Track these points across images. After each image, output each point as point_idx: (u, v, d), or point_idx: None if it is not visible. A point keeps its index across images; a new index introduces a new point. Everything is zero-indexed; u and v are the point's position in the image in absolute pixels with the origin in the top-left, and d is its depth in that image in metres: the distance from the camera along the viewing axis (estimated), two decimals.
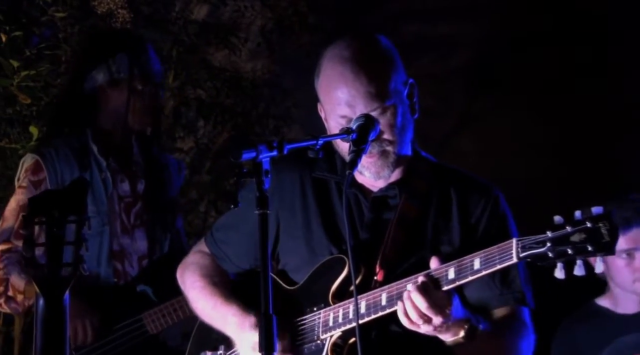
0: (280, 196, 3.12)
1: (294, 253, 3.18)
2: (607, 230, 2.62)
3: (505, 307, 3.07)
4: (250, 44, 6.36)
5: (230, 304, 3.19)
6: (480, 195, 3.13)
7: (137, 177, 4.31)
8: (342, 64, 3.02)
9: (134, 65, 4.21)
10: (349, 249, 2.88)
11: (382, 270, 3.04)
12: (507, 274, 3.04)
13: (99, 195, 4.20)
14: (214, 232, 3.37)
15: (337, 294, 3.06)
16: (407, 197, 3.11)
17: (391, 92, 3.01)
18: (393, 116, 3.01)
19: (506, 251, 2.77)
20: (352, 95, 2.99)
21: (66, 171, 4.17)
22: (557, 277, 2.68)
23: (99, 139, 4.24)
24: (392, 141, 3.03)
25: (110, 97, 4.22)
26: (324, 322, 3.04)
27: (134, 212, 4.28)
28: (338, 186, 3.16)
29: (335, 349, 3.02)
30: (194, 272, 3.34)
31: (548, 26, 6.06)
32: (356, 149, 2.91)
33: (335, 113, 3.03)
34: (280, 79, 6.43)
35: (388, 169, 3.06)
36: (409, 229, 3.09)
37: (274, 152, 2.72)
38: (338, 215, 3.14)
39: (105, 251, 4.19)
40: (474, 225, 3.11)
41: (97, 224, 4.17)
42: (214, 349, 3.28)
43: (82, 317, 4.07)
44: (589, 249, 2.63)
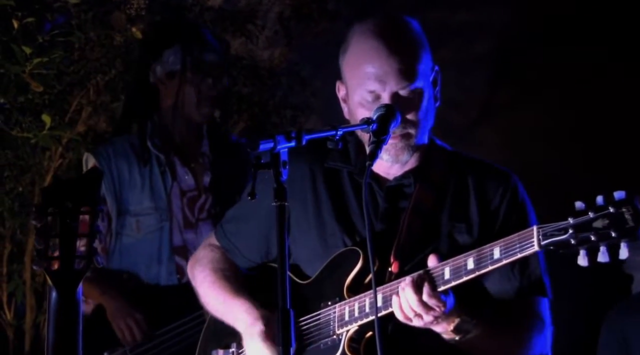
0: (291, 187, 3.06)
1: (306, 246, 3.14)
2: (630, 215, 2.56)
3: (525, 299, 3.03)
4: (268, 31, 6.32)
5: (241, 300, 3.15)
6: (498, 182, 3.09)
7: (203, 170, 4.28)
8: (376, 39, 2.98)
9: (186, 56, 4.19)
10: (369, 242, 2.83)
11: (396, 261, 3.00)
12: (527, 265, 2.99)
13: (158, 191, 4.20)
14: (224, 224, 3.33)
15: (351, 288, 3.01)
16: (422, 186, 3.07)
17: (420, 74, 2.99)
18: (420, 98, 2.99)
19: (527, 239, 2.72)
20: (385, 71, 2.96)
21: (124, 168, 4.19)
22: (581, 265, 2.63)
23: (159, 133, 4.23)
24: (415, 123, 3.00)
25: (169, 90, 4.22)
26: (339, 317, 2.99)
27: (198, 205, 4.25)
28: (350, 176, 3.12)
29: (351, 344, 2.97)
30: (205, 267, 3.30)
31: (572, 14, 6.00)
32: (376, 140, 2.86)
33: (363, 88, 2.99)
34: (299, 68, 6.39)
35: (408, 152, 3.02)
36: (425, 218, 3.05)
37: (292, 142, 2.68)
38: (351, 206, 3.10)
39: (166, 247, 4.18)
40: (493, 213, 3.06)
41: (156, 220, 4.19)
42: (225, 347, 3.23)
43: (124, 317, 4.07)
44: (613, 235, 2.57)
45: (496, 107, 6.29)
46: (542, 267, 3.04)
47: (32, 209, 5.23)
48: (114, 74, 5.38)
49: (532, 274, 3.02)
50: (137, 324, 4.08)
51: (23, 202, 5.46)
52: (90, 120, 5.50)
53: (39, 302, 5.48)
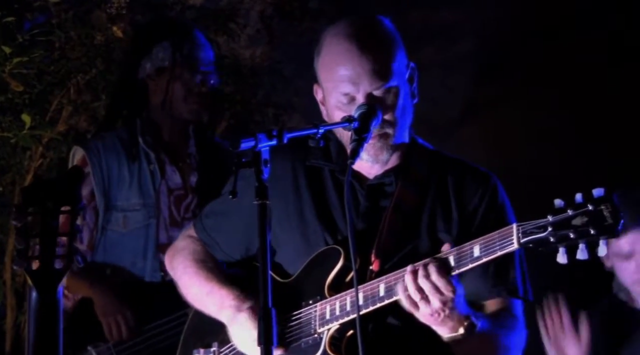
0: (273, 186, 3.06)
1: (288, 244, 3.13)
2: (609, 213, 2.58)
3: (497, 300, 3.03)
4: (250, 30, 6.31)
5: (226, 290, 3.13)
6: (478, 183, 3.09)
7: (190, 170, 4.26)
8: (348, 41, 2.98)
9: (176, 52, 4.17)
10: (350, 241, 2.82)
11: (377, 260, 3.00)
12: (502, 266, 2.99)
13: (146, 188, 4.19)
14: (203, 218, 3.31)
15: (333, 286, 3.01)
16: (403, 184, 3.07)
17: (395, 73, 2.99)
18: (395, 97, 2.99)
19: (507, 237, 2.73)
20: (357, 73, 2.95)
21: (113, 164, 4.17)
22: (560, 262, 2.64)
23: (149, 130, 4.23)
24: (392, 123, 2.99)
25: (158, 87, 4.21)
26: (320, 315, 2.99)
27: (184, 204, 4.24)
28: (332, 174, 3.12)
29: (333, 342, 2.96)
30: (186, 258, 3.28)
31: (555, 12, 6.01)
32: (358, 138, 2.87)
33: (338, 90, 2.98)
34: (281, 66, 6.37)
35: (387, 152, 3.02)
36: (405, 217, 3.05)
37: (273, 141, 2.69)
38: (332, 204, 3.09)
39: (151, 244, 4.17)
40: (472, 213, 3.07)
41: (143, 217, 4.18)
42: (206, 346, 3.22)
43: (114, 314, 4.06)
44: (592, 232, 2.59)
45: (479, 106, 6.29)
46: (518, 268, 3.04)
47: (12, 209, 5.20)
48: (95, 73, 5.36)
49: (506, 274, 3.02)
50: (126, 320, 4.07)
51: (3, 202, 5.43)
52: (71, 119, 5.48)
53: (19, 302, 5.45)
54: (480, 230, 2.94)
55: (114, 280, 4.17)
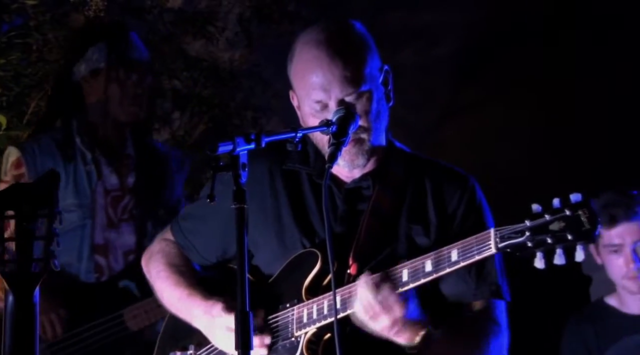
0: (249, 189, 3.06)
1: (265, 248, 3.11)
2: (586, 218, 2.57)
3: (480, 301, 3.02)
4: (228, 33, 6.30)
5: (194, 296, 3.12)
6: (456, 185, 3.09)
7: (128, 171, 4.25)
8: (318, 48, 2.96)
9: (112, 53, 4.16)
10: (329, 244, 2.81)
11: (355, 264, 2.98)
12: (483, 267, 2.98)
13: (82, 188, 4.16)
14: (180, 221, 3.30)
15: (310, 290, 2.99)
16: (381, 188, 3.06)
17: (367, 77, 2.96)
18: (368, 102, 2.97)
19: (484, 242, 2.72)
20: (328, 80, 2.93)
21: (48, 165, 4.11)
22: (537, 267, 2.62)
23: (85, 131, 4.20)
24: (367, 128, 2.98)
25: (93, 88, 4.19)
26: (297, 319, 2.98)
27: (121, 205, 4.22)
28: (309, 178, 3.11)
29: (310, 346, 2.95)
30: (160, 261, 3.27)
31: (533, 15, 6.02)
32: (336, 142, 2.85)
33: (310, 98, 2.97)
34: (260, 70, 6.37)
35: (363, 157, 3.01)
36: (383, 221, 3.04)
37: (251, 144, 2.66)
38: (310, 208, 3.08)
39: (87, 245, 4.14)
40: (450, 216, 3.06)
41: (79, 218, 4.14)
42: (183, 349, 3.20)
43: (47, 313, 4.02)
44: (569, 238, 2.58)
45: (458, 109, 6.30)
46: (499, 269, 3.04)
47: None
48: None
49: (488, 277, 3.02)
50: (60, 319, 4.05)
51: None
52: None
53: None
54: (459, 232, 2.94)
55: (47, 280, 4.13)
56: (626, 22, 5.92)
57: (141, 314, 4.13)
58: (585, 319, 4.49)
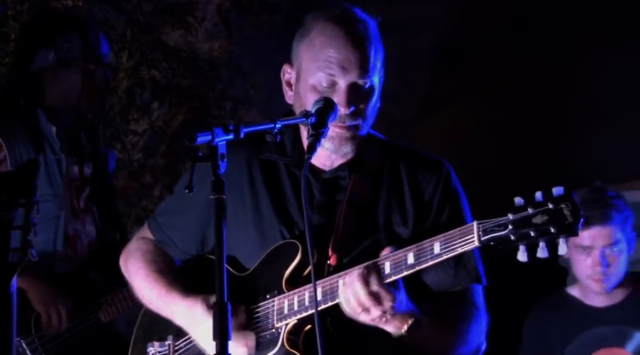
0: (228, 180, 3.06)
1: (244, 238, 3.11)
2: (569, 211, 2.58)
3: (460, 287, 3.04)
4: (207, 23, 6.28)
5: (174, 293, 3.12)
6: (431, 171, 3.10)
7: (85, 161, 4.23)
8: (345, 28, 2.97)
9: (86, 45, 4.13)
10: (308, 236, 2.81)
11: (334, 254, 2.99)
12: (462, 254, 2.99)
13: (55, 178, 4.15)
14: (157, 218, 3.29)
15: (290, 281, 2.99)
16: (357, 178, 3.06)
17: (376, 71, 3.00)
18: (371, 92, 3.00)
19: (467, 235, 2.72)
20: (349, 59, 2.94)
21: (24, 152, 4.11)
22: (520, 260, 2.63)
23: (52, 120, 4.16)
24: (364, 116, 3.00)
25: (60, 77, 4.15)
26: (278, 310, 2.97)
27: (83, 196, 4.21)
28: (287, 168, 3.10)
29: (290, 337, 2.95)
30: (138, 259, 3.26)
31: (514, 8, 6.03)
32: (315, 133, 2.84)
33: (324, 70, 2.97)
34: (239, 60, 6.35)
35: (350, 144, 3.01)
36: (361, 210, 3.04)
37: (230, 135, 2.66)
38: (288, 198, 3.08)
39: (60, 236, 4.13)
40: (427, 203, 3.07)
41: (55, 208, 4.13)
42: (160, 339, 3.20)
43: (55, 303, 4.02)
44: (552, 231, 2.59)
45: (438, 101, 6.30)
46: (476, 254, 3.05)
47: None
48: None
49: (467, 264, 3.03)
50: (66, 309, 4.04)
51: None
52: None
53: None
54: (436, 219, 2.98)
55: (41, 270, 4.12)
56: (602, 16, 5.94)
57: (110, 306, 4.13)
58: (548, 309, 4.51)
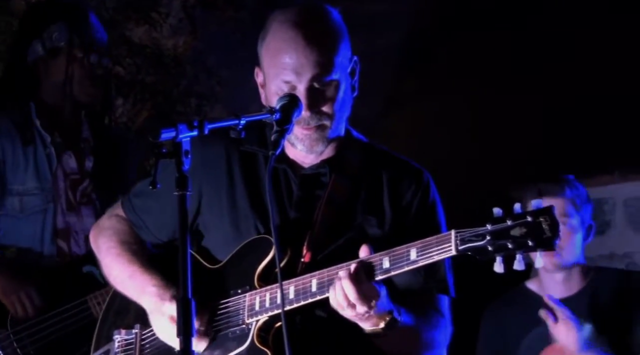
0: (205, 170, 3.06)
1: (218, 230, 3.11)
2: (548, 226, 2.58)
3: (427, 295, 3.05)
4: (172, 19, 6.25)
5: (149, 276, 3.10)
6: (411, 179, 3.11)
7: (85, 154, 4.20)
8: (295, 30, 2.96)
9: (72, 33, 4.11)
10: (274, 234, 2.81)
11: (309, 252, 2.99)
12: (433, 263, 3.00)
13: (43, 172, 4.12)
14: (132, 198, 3.27)
15: (263, 277, 2.99)
16: (338, 176, 3.06)
17: (337, 66, 2.98)
18: (335, 90, 2.98)
19: (445, 243, 2.72)
20: (301, 63, 2.94)
21: (8, 146, 4.08)
22: (497, 271, 2.63)
23: (44, 113, 4.15)
24: (330, 115, 2.98)
25: (51, 68, 4.15)
26: (249, 306, 2.96)
27: (80, 189, 4.18)
28: (266, 160, 3.07)
29: (260, 334, 2.94)
30: (110, 238, 3.24)
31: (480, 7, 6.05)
32: (279, 129, 2.85)
33: (279, 78, 2.97)
34: (204, 56, 6.33)
35: (322, 143, 3.01)
36: (339, 209, 3.04)
37: (194, 131, 2.66)
38: (265, 192, 3.06)
39: (49, 229, 4.10)
40: (404, 209, 3.08)
41: (41, 201, 4.10)
42: (127, 327, 3.19)
43: (17, 292, 3.98)
44: (530, 244, 2.59)
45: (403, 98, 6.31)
46: (447, 265, 3.07)
47: None
48: None
49: (436, 273, 3.04)
50: (31, 298, 4.00)
51: None
52: None
53: None
54: (412, 226, 2.98)
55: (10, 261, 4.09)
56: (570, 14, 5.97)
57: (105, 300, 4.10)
58: (505, 304, 4.54)
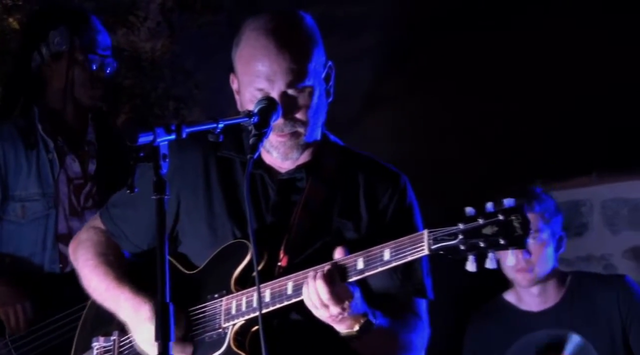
0: (183, 175, 3.06)
1: (195, 235, 3.11)
2: (519, 224, 2.58)
3: (405, 299, 3.06)
4: (150, 22, 6.25)
5: (123, 288, 3.10)
6: (387, 183, 3.11)
7: (89, 158, 4.20)
8: (266, 37, 2.95)
9: (74, 36, 4.11)
10: (251, 235, 2.81)
11: (286, 256, 2.99)
12: (409, 265, 2.98)
13: (46, 177, 4.12)
14: (110, 208, 3.27)
15: (239, 281, 2.99)
16: (314, 181, 3.07)
17: (311, 72, 2.97)
18: (309, 97, 2.98)
19: (418, 243, 2.73)
20: (274, 70, 2.94)
21: (10, 151, 4.09)
22: (469, 270, 2.64)
23: (47, 117, 4.17)
24: (304, 122, 2.98)
25: (55, 72, 4.15)
26: (226, 310, 2.97)
27: (84, 193, 4.18)
28: (243, 166, 3.10)
29: (237, 338, 2.95)
30: (88, 249, 3.25)
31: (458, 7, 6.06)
32: (258, 133, 2.85)
33: (253, 85, 2.97)
34: (181, 60, 6.33)
35: (297, 150, 3.02)
36: (315, 214, 3.05)
37: (172, 135, 2.65)
38: (242, 197, 3.05)
39: (51, 234, 4.10)
40: (381, 213, 3.08)
41: (43, 207, 4.11)
42: (105, 334, 3.18)
43: (13, 304, 3.99)
44: (501, 243, 2.59)
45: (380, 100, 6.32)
46: (425, 268, 3.08)
47: None
48: None
49: (413, 275, 3.05)
50: (25, 311, 4.01)
51: None
52: None
53: None
54: (389, 229, 2.97)
55: (10, 271, 4.10)
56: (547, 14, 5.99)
57: None
58: (485, 316, 4.55)
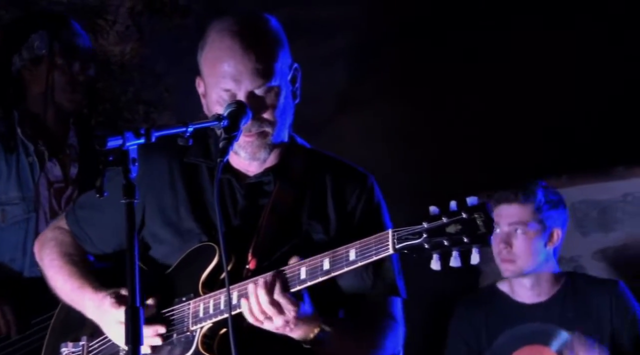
0: (148, 182, 3.07)
1: (162, 241, 3.13)
2: (482, 221, 2.61)
3: (377, 298, 3.08)
4: (119, 26, 6.22)
5: (86, 287, 3.12)
6: (355, 184, 3.14)
7: (70, 161, 4.17)
8: (232, 38, 2.99)
9: (54, 40, 4.11)
10: (221, 237, 2.82)
11: (254, 259, 3.01)
12: (380, 265, 3.03)
13: (26, 181, 4.13)
14: (76, 210, 3.28)
15: (207, 284, 3.01)
16: (282, 184, 3.09)
17: (277, 73, 3.00)
18: (276, 97, 3.00)
19: (382, 242, 2.76)
20: (239, 71, 2.96)
21: None
22: (434, 268, 2.67)
23: (28, 121, 4.16)
24: (272, 122, 3.01)
25: (35, 77, 4.14)
26: (194, 313, 2.98)
27: (65, 197, 4.18)
28: (210, 171, 3.12)
29: (205, 341, 2.96)
30: (52, 249, 3.26)
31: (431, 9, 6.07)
32: (228, 136, 2.87)
33: (219, 86, 2.99)
34: (151, 63, 6.30)
35: (265, 150, 3.03)
36: (283, 216, 3.06)
37: (141, 139, 2.67)
38: (209, 202, 3.09)
39: (31, 238, 4.08)
40: (349, 214, 3.10)
41: (23, 211, 4.11)
42: (75, 340, 3.18)
43: None
44: (465, 241, 2.63)
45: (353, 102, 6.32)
46: (396, 268, 3.10)
47: None
48: None
49: (385, 275, 3.08)
50: (4, 315, 4.00)
51: None
52: None
53: None
54: (358, 230, 2.99)
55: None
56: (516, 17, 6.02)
57: None
58: (475, 304, 4.56)
